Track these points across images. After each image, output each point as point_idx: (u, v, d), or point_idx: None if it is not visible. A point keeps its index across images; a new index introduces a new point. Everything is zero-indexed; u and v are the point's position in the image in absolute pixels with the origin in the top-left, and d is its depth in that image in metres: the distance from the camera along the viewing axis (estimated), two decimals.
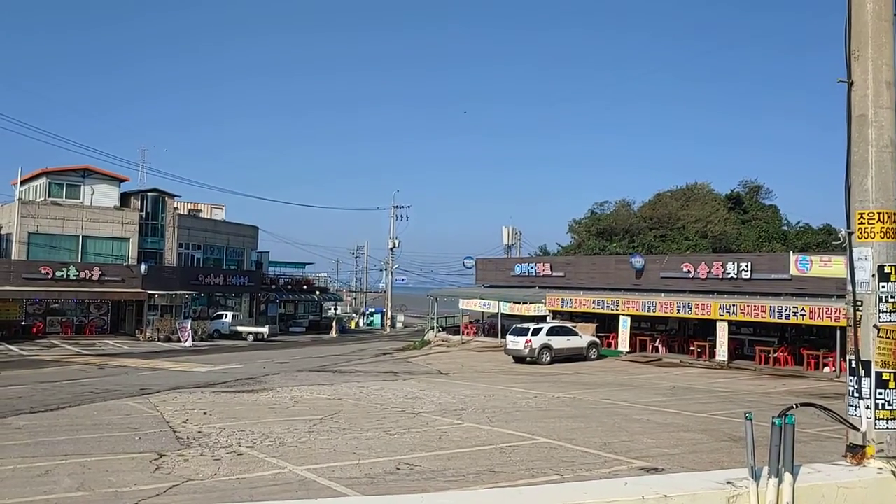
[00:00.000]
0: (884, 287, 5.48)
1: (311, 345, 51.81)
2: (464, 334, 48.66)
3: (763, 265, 35.87)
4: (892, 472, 5.27)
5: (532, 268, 48.60)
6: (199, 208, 63.48)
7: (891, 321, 5.47)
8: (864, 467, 5.38)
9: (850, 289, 5.64)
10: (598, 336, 37.91)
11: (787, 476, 4.83)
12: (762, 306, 32.00)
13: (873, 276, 5.50)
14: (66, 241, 50.59)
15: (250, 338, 53.09)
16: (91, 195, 52.90)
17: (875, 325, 5.47)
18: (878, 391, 5.44)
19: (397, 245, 74.35)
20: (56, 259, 48.95)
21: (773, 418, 4.91)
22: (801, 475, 5.04)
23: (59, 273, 47.75)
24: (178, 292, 52.80)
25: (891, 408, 5.45)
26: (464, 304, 49.18)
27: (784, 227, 56.75)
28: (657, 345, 38.38)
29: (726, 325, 33.47)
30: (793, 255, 33.85)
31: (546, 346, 34.26)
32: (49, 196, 51.94)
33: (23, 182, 54.40)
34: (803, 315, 30.53)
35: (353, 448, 13.24)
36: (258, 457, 12.41)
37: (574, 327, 37.21)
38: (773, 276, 34.57)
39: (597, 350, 36.58)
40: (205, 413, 17.67)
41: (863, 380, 5.49)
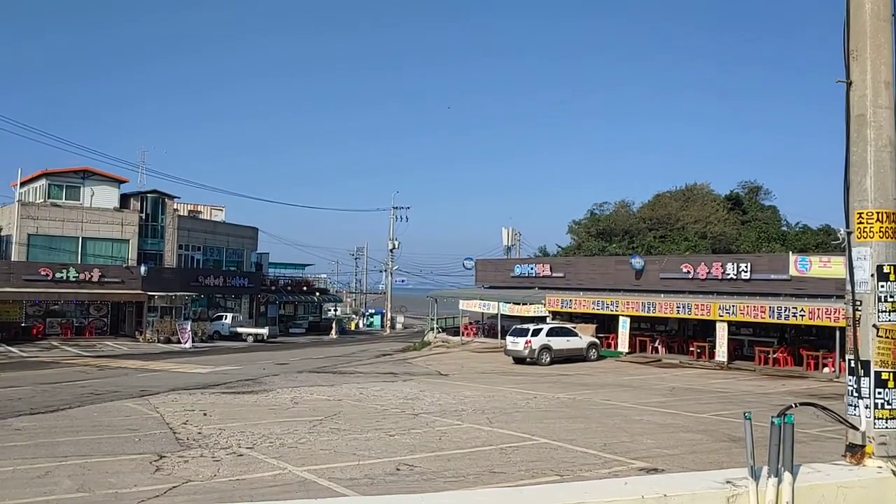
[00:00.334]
0: (883, 287, 5.48)
1: (311, 346, 51.80)
2: (464, 335, 48.65)
3: (762, 266, 35.88)
4: (892, 472, 5.28)
5: (532, 268, 48.61)
6: (198, 210, 63.49)
7: (890, 321, 5.47)
8: (863, 467, 5.38)
9: (849, 288, 5.64)
10: (597, 337, 37.91)
11: (787, 475, 4.84)
12: (762, 307, 32.01)
13: (872, 275, 5.50)
14: (65, 243, 50.58)
15: (250, 339, 53.09)
16: (91, 197, 52.90)
17: (874, 325, 5.48)
18: (878, 390, 5.44)
19: (397, 246, 74.35)
20: (56, 260, 48.95)
21: (772, 418, 4.92)
22: (801, 475, 5.04)
23: (58, 274, 47.75)
24: (177, 294, 52.80)
25: (890, 407, 5.46)
26: (463, 304, 49.17)
27: (783, 228, 56.80)
28: (657, 345, 38.38)
29: (726, 325, 33.47)
30: (792, 256, 33.88)
31: (546, 347, 34.27)
32: (49, 197, 51.93)
33: (23, 184, 54.42)
34: (803, 315, 30.54)
35: (353, 449, 13.25)
36: (258, 458, 12.42)
37: (574, 328, 37.21)
38: (772, 277, 34.58)
39: (596, 351, 36.58)
40: (205, 414, 17.68)
41: (862, 379, 5.50)
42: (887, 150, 5.56)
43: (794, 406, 5.18)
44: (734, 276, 36.21)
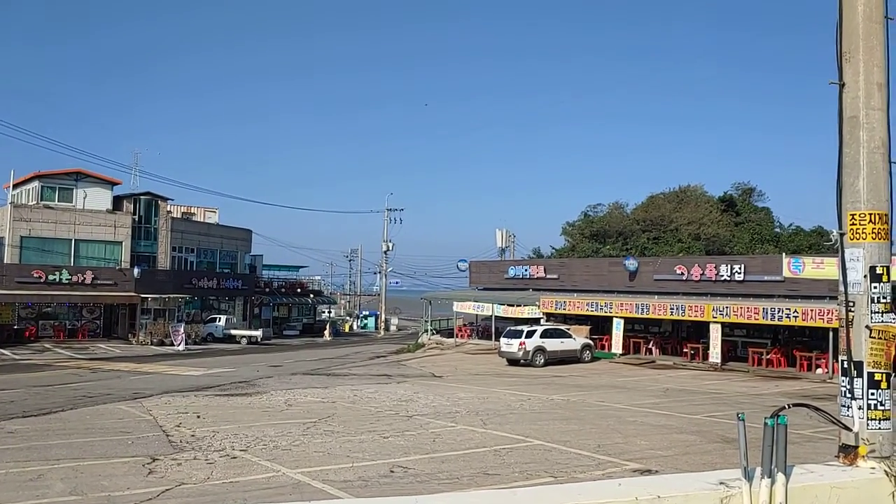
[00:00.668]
0: (875, 288, 5.50)
1: (305, 348, 51.72)
2: (458, 337, 48.64)
3: (756, 267, 35.97)
4: (885, 472, 5.29)
5: (526, 270, 48.63)
6: (192, 212, 63.29)
7: (883, 322, 5.49)
8: (856, 467, 5.40)
9: (842, 290, 5.66)
10: (591, 338, 37.96)
11: (780, 476, 4.85)
12: (755, 308, 32.08)
13: (865, 276, 5.52)
14: (58, 245, 50.36)
15: (244, 341, 52.97)
16: (83, 199, 52.67)
17: (867, 326, 5.49)
18: (871, 391, 5.46)
19: (391, 248, 74.34)
20: (49, 263, 48.73)
21: (765, 419, 4.93)
22: (794, 475, 5.05)
23: (51, 277, 47.56)
24: (171, 296, 52.62)
25: (883, 408, 5.47)
26: (458, 306, 49.15)
27: (776, 230, 56.97)
28: (651, 347, 38.42)
29: (719, 326, 33.53)
30: (785, 257, 33.99)
31: (540, 349, 34.28)
32: (41, 200, 51.71)
33: (15, 186, 54.16)
34: (796, 317, 30.62)
35: (347, 451, 13.22)
36: (252, 460, 12.38)
37: (568, 329, 37.24)
38: (765, 278, 34.68)
39: (590, 352, 36.62)
40: (198, 417, 17.62)
41: (855, 380, 5.51)
42: (880, 152, 5.58)
43: (787, 407, 5.20)
44: (728, 278, 36.29)
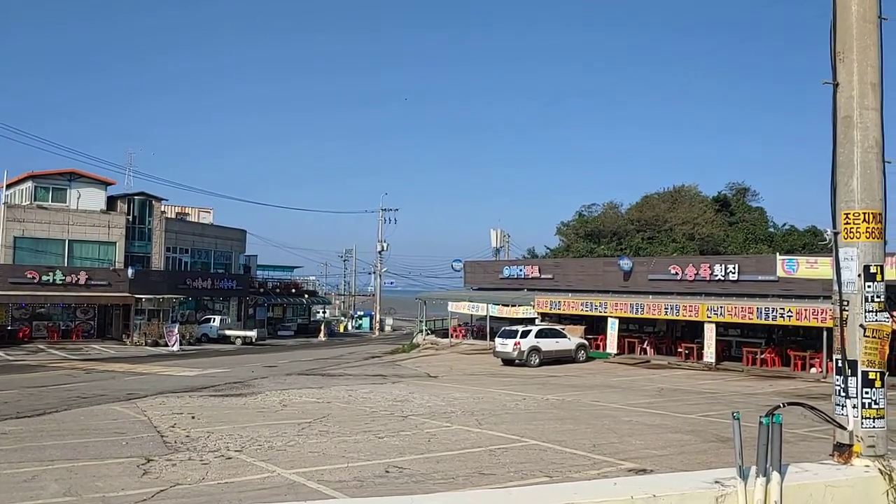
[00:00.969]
0: (870, 287, 5.52)
1: (300, 348, 51.66)
2: (452, 337, 48.63)
3: (750, 267, 36.04)
4: (879, 471, 5.31)
5: (520, 270, 48.65)
6: (186, 212, 63.17)
7: (877, 320, 5.51)
8: (851, 466, 5.42)
9: (836, 289, 5.68)
10: (586, 338, 37.97)
11: (775, 475, 4.86)
12: (749, 308, 32.15)
13: (859, 275, 5.54)
14: (52, 245, 50.23)
15: (238, 342, 52.90)
16: (77, 199, 52.54)
17: (861, 325, 5.51)
18: (865, 390, 5.48)
19: (385, 248, 74.29)
20: (42, 263, 48.62)
21: (760, 418, 4.94)
22: (789, 474, 5.06)
23: (45, 277, 47.45)
24: (165, 296, 52.52)
25: (877, 406, 5.49)
26: (452, 306, 49.15)
27: (770, 229, 57.08)
28: (645, 346, 38.46)
29: (714, 326, 33.60)
30: (779, 257, 34.06)
31: (535, 349, 34.30)
32: (35, 200, 51.57)
33: (8, 186, 54.01)
34: (790, 316, 30.70)
35: (342, 451, 13.21)
36: (247, 461, 12.36)
37: (562, 329, 37.26)
38: (759, 278, 34.74)
39: (585, 352, 36.64)
40: (193, 417, 17.58)
41: (849, 379, 5.53)
42: (874, 151, 5.60)
43: (782, 406, 5.21)
44: (722, 278, 36.36)
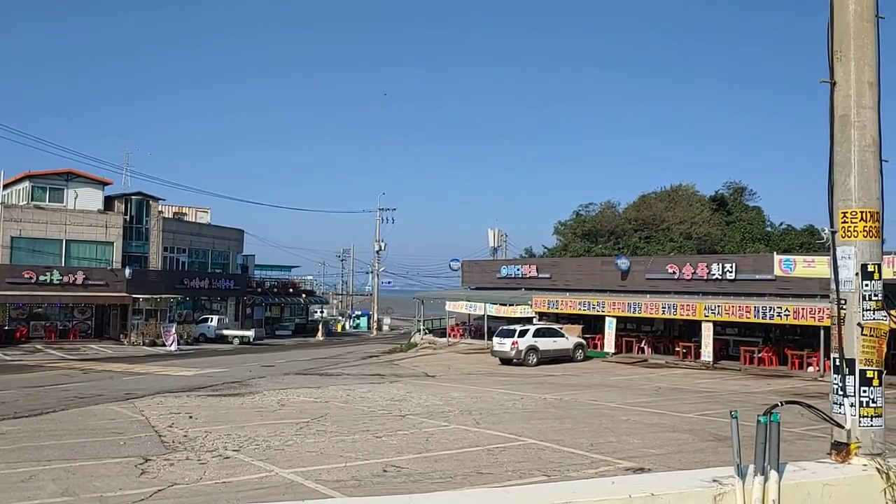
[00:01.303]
0: (867, 285, 5.53)
1: (298, 348, 51.65)
2: (450, 336, 48.62)
3: (747, 266, 36.06)
4: (877, 469, 5.32)
5: (518, 270, 48.65)
6: (183, 212, 63.08)
7: (874, 319, 5.52)
8: (848, 464, 5.42)
9: (833, 287, 5.68)
10: (584, 337, 37.99)
11: (773, 474, 4.86)
12: (746, 307, 32.18)
13: (856, 274, 5.54)
14: (49, 245, 50.14)
15: (236, 341, 52.85)
16: (74, 199, 52.46)
17: (859, 324, 5.52)
18: (863, 389, 5.48)
19: (383, 248, 74.25)
20: (39, 263, 48.54)
21: (758, 417, 4.94)
22: (787, 473, 5.07)
23: (42, 277, 47.40)
24: (162, 296, 52.47)
25: (875, 405, 5.50)
26: (450, 306, 49.14)
27: (768, 229, 57.12)
28: (643, 346, 38.50)
29: (711, 325, 33.62)
30: (776, 256, 34.06)
31: (532, 348, 34.31)
32: (32, 200, 51.49)
33: (5, 186, 53.87)
34: (787, 315, 30.73)
35: (340, 451, 13.20)
36: (244, 460, 12.36)
37: (560, 329, 37.28)
38: (757, 277, 34.76)
39: (583, 351, 36.67)
40: (190, 417, 17.57)
41: (847, 378, 5.54)
42: (871, 150, 5.61)
43: (779, 405, 5.21)
44: (719, 277, 36.38)
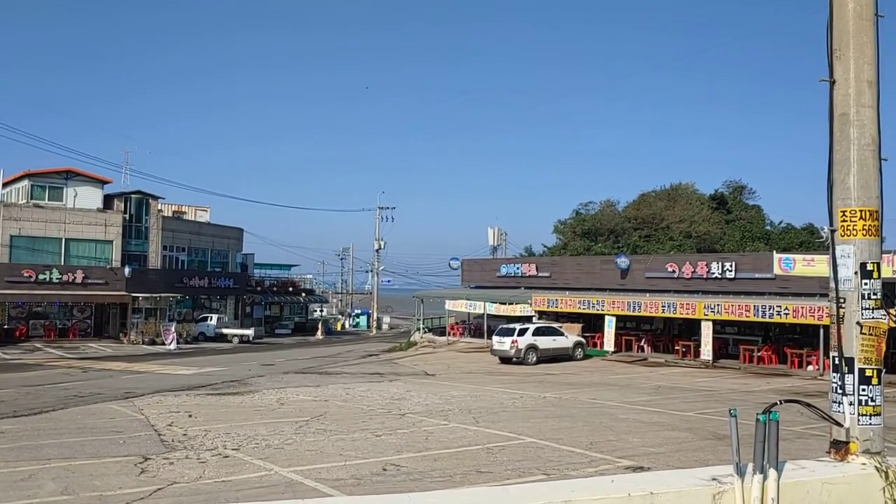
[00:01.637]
0: (866, 284, 5.53)
1: (297, 347, 51.65)
2: (450, 335, 48.64)
3: (747, 265, 36.07)
4: (876, 468, 5.32)
5: (518, 268, 48.66)
6: (183, 210, 63.07)
7: (873, 318, 5.52)
8: (847, 463, 5.42)
9: (833, 286, 5.68)
10: (583, 336, 38.01)
11: (772, 472, 4.86)
12: (746, 305, 32.19)
13: (856, 273, 5.54)
14: (48, 244, 50.11)
15: (235, 340, 52.87)
16: (74, 197, 52.44)
17: (858, 322, 5.52)
18: (862, 387, 5.48)
19: (383, 246, 74.24)
20: (39, 262, 48.52)
21: (757, 415, 4.94)
22: (786, 471, 5.07)
23: (41, 276, 47.39)
24: (162, 295, 52.48)
25: (874, 404, 5.50)
26: (450, 304, 49.15)
27: (767, 227, 57.10)
28: (642, 344, 38.52)
29: (711, 324, 33.63)
30: (776, 255, 34.07)
31: (532, 347, 34.32)
32: (31, 198, 51.47)
33: (4, 184, 53.82)
34: (787, 314, 30.73)
35: (340, 449, 13.20)
36: (244, 459, 12.36)
37: (560, 327, 37.30)
38: (756, 276, 34.78)
39: (582, 350, 36.68)
40: (190, 416, 17.57)
41: (846, 376, 5.54)
42: (870, 149, 5.60)
43: (778, 403, 5.21)
44: (719, 276, 36.40)
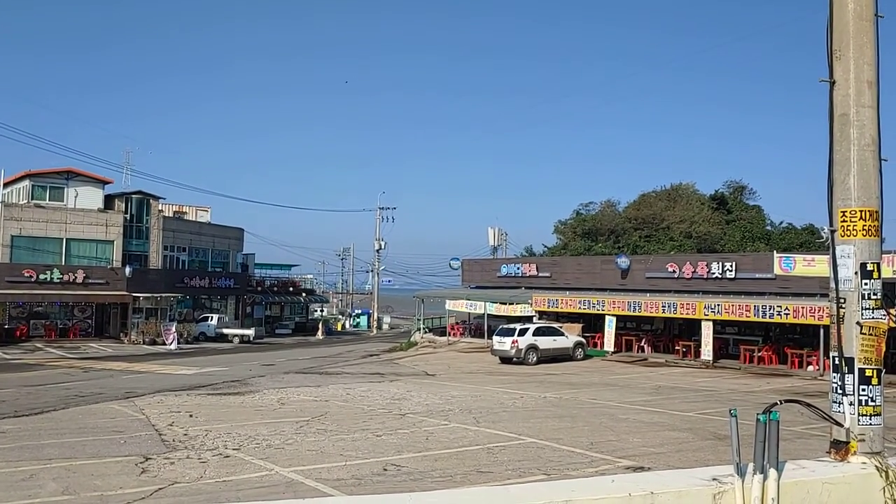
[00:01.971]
0: (866, 284, 5.53)
1: (298, 347, 51.65)
2: (450, 335, 48.63)
3: (747, 265, 36.07)
4: (876, 468, 5.32)
5: (518, 268, 48.66)
6: (183, 210, 63.09)
7: (873, 318, 5.52)
8: (847, 463, 5.43)
9: (833, 286, 5.69)
10: (584, 336, 38.00)
11: (772, 472, 4.87)
12: (746, 306, 32.18)
13: (856, 273, 5.55)
14: (49, 244, 50.14)
15: (236, 340, 52.86)
16: (75, 197, 52.46)
17: (858, 322, 5.52)
18: (862, 387, 5.49)
19: (383, 246, 74.24)
20: (39, 262, 48.55)
21: (757, 415, 4.95)
22: (786, 471, 5.08)
23: (42, 276, 47.41)
24: (163, 295, 52.51)
25: (874, 404, 5.51)
26: (450, 305, 49.15)
27: (768, 227, 57.08)
28: (643, 344, 38.51)
29: (711, 324, 33.62)
30: (776, 255, 34.07)
31: (532, 347, 34.32)
32: (32, 198, 51.50)
33: (5, 184, 53.86)
34: (787, 314, 30.73)
35: (340, 449, 13.21)
36: (245, 459, 12.37)
37: (560, 327, 37.28)
38: (757, 276, 34.78)
39: (583, 350, 36.67)
40: (191, 416, 17.58)
41: (846, 376, 5.55)
42: (870, 149, 5.61)
43: (779, 403, 5.22)
44: (719, 276, 36.40)
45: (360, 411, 18.39)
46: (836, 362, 5.62)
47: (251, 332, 54.27)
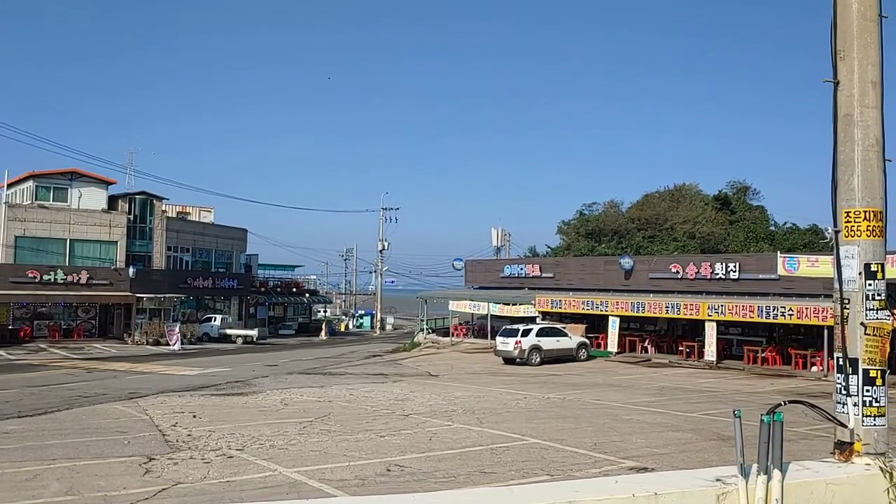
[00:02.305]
0: (870, 285, 5.52)
1: (301, 347, 51.68)
2: (453, 336, 48.64)
3: (751, 265, 36.03)
4: (880, 469, 5.31)
5: (521, 269, 48.65)
6: (187, 211, 63.19)
7: (877, 318, 5.51)
8: (852, 464, 5.42)
9: (837, 287, 5.68)
10: (587, 337, 37.97)
11: (776, 473, 4.86)
12: (750, 306, 32.15)
13: (860, 274, 5.54)
14: (53, 245, 50.25)
15: (239, 341, 52.90)
16: (78, 198, 52.59)
17: (862, 323, 5.51)
18: (866, 388, 5.48)
19: (386, 247, 74.33)
20: (43, 262, 48.65)
21: (761, 416, 4.94)
22: (790, 472, 5.07)
23: (46, 276, 47.49)
24: (166, 295, 52.57)
25: (878, 405, 5.49)
26: (453, 305, 49.16)
27: (771, 228, 57.01)
28: (646, 345, 38.48)
29: (715, 325, 33.60)
30: (780, 256, 34.04)
31: (536, 347, 34.30)
32: (36, 199, 51.61)
33: (9, 185, 54.05)
34: (791, 315, 30.69)
35: (344, 450, 13.22)
36: (248, 459, 12.38)
37: (563, 328, 37.24)
38: (760, 277, 34.73)
39: (586, 351, 36.64)
40: (194, 416, 17.61)
41: (850, 377, 5.53)
42: (874, 150, 5.60)
43: (783, 404, 5.21)
44: (723, 276, 36.36)
45: (364, 412, 18.40)
46: (840, 363, 5.61)
47: (254, 332, 54.30)
